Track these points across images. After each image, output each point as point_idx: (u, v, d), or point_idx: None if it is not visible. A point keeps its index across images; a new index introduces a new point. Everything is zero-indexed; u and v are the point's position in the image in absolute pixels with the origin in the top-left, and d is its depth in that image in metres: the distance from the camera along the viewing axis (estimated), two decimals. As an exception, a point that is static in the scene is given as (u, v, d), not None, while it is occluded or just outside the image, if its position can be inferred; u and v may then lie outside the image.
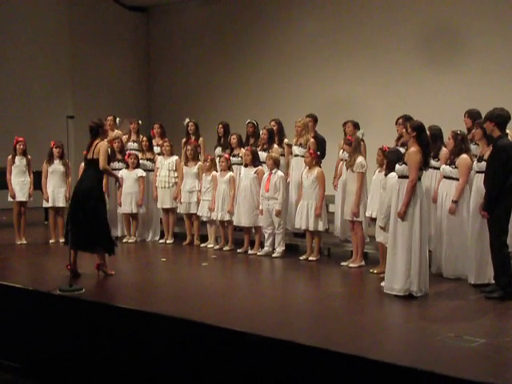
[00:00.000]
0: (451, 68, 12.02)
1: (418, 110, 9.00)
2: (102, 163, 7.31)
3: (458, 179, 7.31)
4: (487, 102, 7.30)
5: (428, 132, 6.80)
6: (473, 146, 7.56)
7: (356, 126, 8.91)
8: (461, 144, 7.32)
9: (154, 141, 10.55)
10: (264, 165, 9.07)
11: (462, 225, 7.24)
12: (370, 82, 13.14)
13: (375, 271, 7.58)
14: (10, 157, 9.84)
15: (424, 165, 6.51)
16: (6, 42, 14.79)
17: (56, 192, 9.82)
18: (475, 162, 6.99)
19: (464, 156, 7.28)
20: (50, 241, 9.90)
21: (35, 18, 15.42)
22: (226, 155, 9.52)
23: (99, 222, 7.25)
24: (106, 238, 7.40)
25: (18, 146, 9.80)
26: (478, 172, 6.87)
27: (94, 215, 7.18)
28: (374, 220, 7.74)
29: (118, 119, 10.88)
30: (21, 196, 9.79)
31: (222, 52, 15.94)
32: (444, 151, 7.65)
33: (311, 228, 8.45)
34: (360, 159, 8.00)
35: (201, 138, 10.37)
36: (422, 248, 6.39)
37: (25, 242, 9.83)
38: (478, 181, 6.77)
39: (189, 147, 9.83)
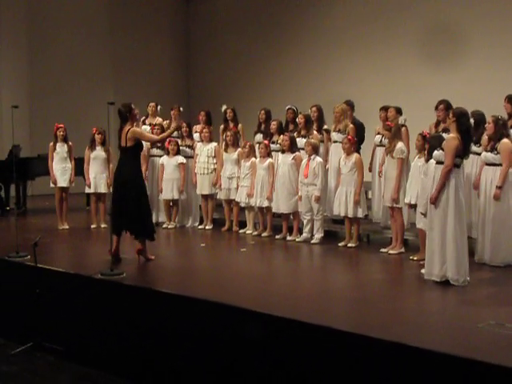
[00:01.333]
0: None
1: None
2: (154, 140, 8.08)
3: (500, 165, 7.19)
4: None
5: (471, 117, 6.68)
6: (512, 132, 7.42)
7: (398, 111, 8.82)
8: (501, 129, 7.19)
9: (194, 127, 10.58)
10: (302, 151, 9.04)
11: (509, 210, 7.12)
12: (414, 66, 12.97)
13: (415, 258, 7.50)
14: (51, 143, 9.99)
15: (464, 152, 6.40)
16: (47, 30, 15.00)
17: (98, 178, 9.95)
18: None
19: (505, 140, 7.15)
20: (92, 226, 10.05)
21: (76, 7, 15.61)
22: (266, 142, 9.51)
23: (141, 209, 7.26)
24: (148, 224, 7.41)
25: (58, 133, 9.95)
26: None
27: (135, 203, 7.20)
28: (413, 206, 7.66)
29: (159, 106, 10.91)
30: (62, 182, 9.94)
31: (262, 38, 15.90)
32: (485, 136, 7.52)
33: (350, 214, 8.40)
34: (400, 145, 7.90)
35: (240, 125, 10.37)
36: (458, 235, 6.27)
37: (67, 227, 10.00)
38: None
39: (228, 133, 9.84)
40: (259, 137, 10.11)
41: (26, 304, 6.81)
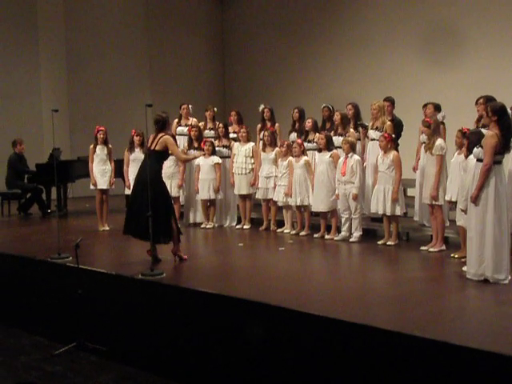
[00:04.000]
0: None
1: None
2: (179, 157, 7.85)
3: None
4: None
5: (510, 111, 6.56)
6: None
7: (437, 108, 8.73)
8: None
9: (230, 128, 10.63)
10: (339, 149, 9.00)
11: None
12: (445, 64, 12.83)
13: (456, 256, 7.41)
14: (91, 146, 10.11)
15: (504, 148, 6.29)
16: (85, 34, 15.21)
17: (137, 179, 10.04)
18: None
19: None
20: (132, 227, 10.15)
21: (113, 10, 15.81)
22: (299, 140, 9.49)
23: (158, 214, 7.08)
24: (167, 228, 7.30)
25: (98, 136, 10.06)
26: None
27: (153, 207, 6.99)
28: (453, 203, 7.56)
29: (191, 106, 10.96)
30: (102, 184, 10.06)
31: (297, 36, 15.86)
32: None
33: (388, 212, 8.33)
34: (439, 141, 7.81)
35: (276, 124, 10.37)
36: (497, 234, 6.16)
37: (107, 228, 10.12)
38: None
39: (266, 133, 9.85)
40: (293, 136, 10.10)
41: (69, 305, 6.91)
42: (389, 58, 13.83)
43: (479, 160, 6.31)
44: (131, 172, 10.04)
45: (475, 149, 6.43)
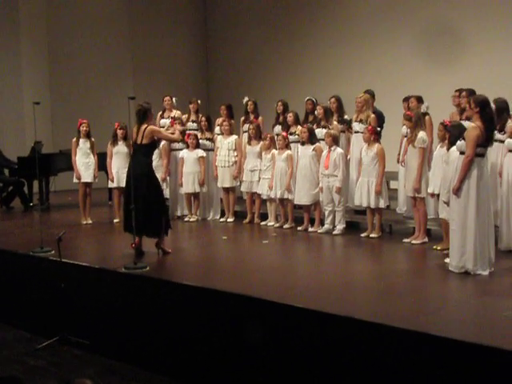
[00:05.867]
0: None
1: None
2: (170, 139, 8.21)
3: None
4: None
5: (493, 105, 6.61)
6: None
7: (419, 100, 8.75)
8: None
9: (217, 120, 10.58)
10: (322, 142, 9.02)
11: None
12: (431, 56, 12.86)
13: (438, 248, 7.46)
14: (74, 139, 10.05)
15: (487, 141, 6.33)
16: (67, 26, 15.07)
17: (120, 173, 9.96)
18: None
19: (528, 128, 7.06)
20: (115, 220, 10.10)
21: (96, 3, 15.67)
22: (284, 133, 9.50)
23: (149, 210, 7.15)
24: (157, 222, 7.31)
25: (81, 128, 10.00)
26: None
27: (146, 201, 7.13)
28: (436, 196, 7.61)
29: (174, 99, 10.92)
30: (86, 177, 10.00)
31: (280, 30, 15.82)
32: (510, 124, 7.43)
33: (372, 205, 8.36)
34: (421, 134, 7.84)
35: (260, 117, 10.36)
36: (479, 225, 6.21)
37: (90, 221, 10.06)
38: None
39: (251, 126, 9.84)
40: (278, 128, 10.09)
41: (52, 299, 6.88)
42: (374, 51, 13.83)
43: (462, 153, 6.34)
44: (114, 165, 10.03)
45: (458, 141, 6.46)
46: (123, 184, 9.90)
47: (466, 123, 7.13)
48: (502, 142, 7.49)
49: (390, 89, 11.65)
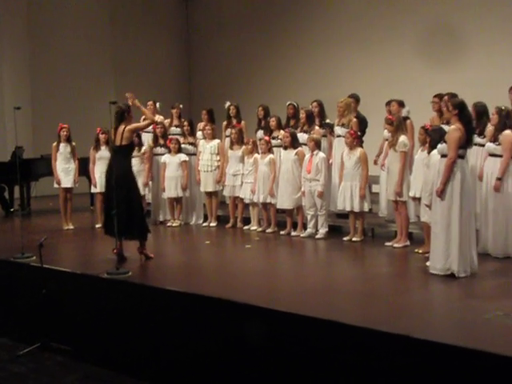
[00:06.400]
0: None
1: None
2: (148, 124, 8.00)
3: (502, 156, 7.17)
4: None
5: (473, 109, 6.67)
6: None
7: (401, 105, 8.80)
8: (505, 119, 7.17)
9: (198, 125, 10.57)
10: (305, 146, 9.04)
11: (509, 202, 7.12)
12: (413, 60, 12.94)
13: (420, 251, 7.50)
14: (54, 144, 9.99)
15: (467, 142, 6.39)
16: (48, 30, 15.00)
17: (103, 177, 9.84)
18: None
19: (507, 132, 7.12)
20: (97, 225, 10.04)
21: (77, 7, 15.59)
22: (266, 138, 9.51)
23: (131, 211, 7.17)
24: (138, 225, 7.31)
25: (62, 133, 9.94)
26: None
27: (128, 203, 7.13)
28: (417, 199, 7.66)
29: (158, 104, 10.92)
30: (66, 182, 9.95)
31: (262, 34, 15.85)
32: (490, 128, 7.50)
33: (356, 209, 8.40)
34: (402, 138, 7.89)
35: (242, 122, 10.37)
36: (463, 227, 6.26)
37: (72, 227, 10.01)
38: None
39: (233, 131, 9.85)
40: (260, 133, 10.10)
41: (33, 305, 6.81)
42: (356, 55, 13.88)
43: (444, 156, 6.39)
44: (97, 170, 9.98)
45: (439, 145, 6.52)
46: (106, 189, 9.93)
47: (446, 127, 7.19)
48: (482, 145, 7.56)
49: (374, 93, 11.69)
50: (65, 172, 9.93)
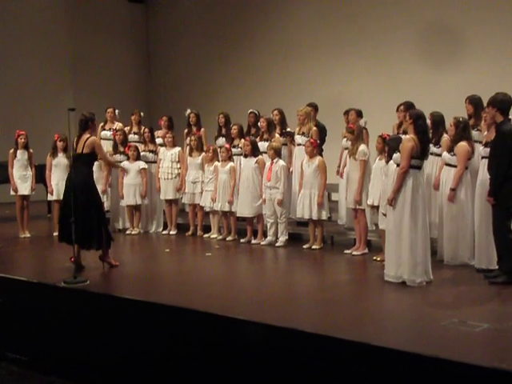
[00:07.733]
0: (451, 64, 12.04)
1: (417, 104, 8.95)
2: (105, 161, 7.83)
3: (456, 166, 7.29)
4: (487, 100, 7.34)
5: (429, 118, 6.77)
6: (475, 132, 7.52)
7: (359, 114, 8.90)
8: (462, 131, 7.28)
9: (157, 132, 10.53)
10: (265, 155, 9.07)
11: (462, 211, 7.26)
12: (371, 72, 13.06)
13: (378, 258, 7.58)
14: (11, 150, 9.84)
15: (422, 153, 6.48)
16: (5, 36, 14.77)
17: (60, 185, 9.72)
18: (481, 148, 6.94)
19: (462, 143, 7.23)
20: (54, 234, 9.86)
21: (34, 11, 15.40)
22: (227, 145, 9.52)
23: (91, 219, 7.10)
24: (98, 233, 7.22)
25: (19, 140, 9.80)
26: (483, 157, 6.84)
27: (86, 212, 7.04)
28: (375, 207, 7.75)
29: (117, 111, 10.85)
30: (23, 190, 9.80)
31: (222, 42, 15.88)
32: (445, 138, 7.62)
33: (314, 217, 8.45)
34: (362, 147, 7.99)
35: (202, 129, 10.36)
36: (413, 236, 6.36)
37: (28, 235, 9.85)
38: (485, 166, 6.73)
39: (193, 138, 9.83)
40: (221, 141, 10.11)
41: (-12, 314, 6.69)
42: (316, 64, 13.96)
43: (399, 165, 6.49)
44: (54, 177, 9.85)
45: (394, 154, 6.62)
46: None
47: (404, 136, 7.29)
48: (438, 155, 7.68)
49: (334, 102, 11.76)
50: (22, 179, 9.79)
